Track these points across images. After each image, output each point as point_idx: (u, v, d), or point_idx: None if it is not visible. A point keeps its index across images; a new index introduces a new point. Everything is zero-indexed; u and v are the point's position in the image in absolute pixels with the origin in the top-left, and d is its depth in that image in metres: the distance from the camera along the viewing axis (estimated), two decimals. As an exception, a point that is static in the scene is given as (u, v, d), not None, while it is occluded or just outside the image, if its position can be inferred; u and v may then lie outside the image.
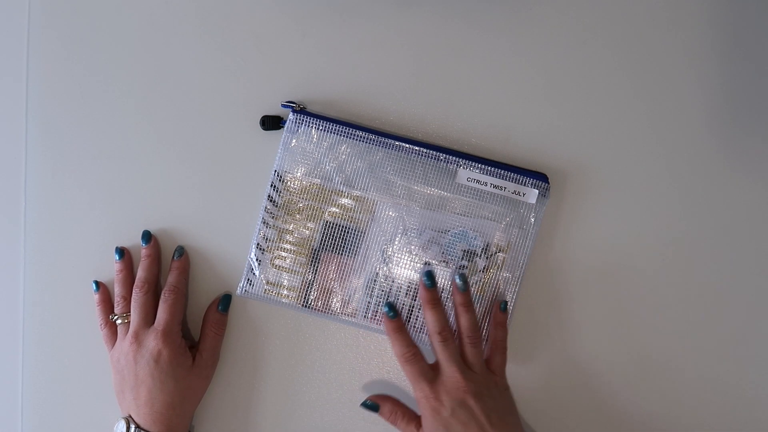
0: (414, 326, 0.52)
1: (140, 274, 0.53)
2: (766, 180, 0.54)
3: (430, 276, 0.50)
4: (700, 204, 0.54)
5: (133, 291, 0.52)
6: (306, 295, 0.53)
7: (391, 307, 0.50)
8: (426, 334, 0.52)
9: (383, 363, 0.55)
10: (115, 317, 0.53)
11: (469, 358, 0.49)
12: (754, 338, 0.54)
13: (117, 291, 0.53)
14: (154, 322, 0.51)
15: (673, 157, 0.53)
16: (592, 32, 0.53)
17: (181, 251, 0.54)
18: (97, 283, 0.55)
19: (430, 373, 0.48)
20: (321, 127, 0.52)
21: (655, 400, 0.54)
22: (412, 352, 0.49)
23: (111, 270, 0.55)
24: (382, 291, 0.52)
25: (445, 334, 0.49)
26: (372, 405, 0.52)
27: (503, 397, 0.49)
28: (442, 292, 0.52)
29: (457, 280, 0.50)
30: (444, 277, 0.52)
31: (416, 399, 0.49)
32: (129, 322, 0.52)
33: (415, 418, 0.50)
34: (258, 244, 0.53)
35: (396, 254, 0.52)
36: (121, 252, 0.54)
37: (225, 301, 0.54)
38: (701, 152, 0.53)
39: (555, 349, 0.54)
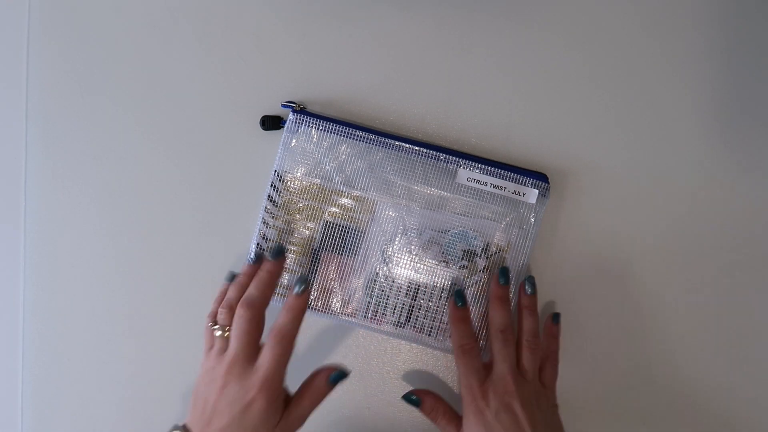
0: (414, 326, 0.52)
1: (251, 291, 0.46)
2: (765, 179, 0.54)
3: (504, 273, 0.49)
4: (700, 203, 0.54)
5: (238, 311, 0.45)
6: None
7: (460, 295, 0.49)
8: (427, 334, 0.52)
9: (383, 363, 0.55)
10: (215, 327, 0.46)
11: (525, 364, 0.47)
12: (754, 337, 0.54)
13: (228, 295, 0.47)
14: (254, 356, 0.45)
15: (672, 156, 0.54)
16: (592, 32, 0.53)
17: (303, 284, 0.46)
18: (232, 276, 0.49)
19: (482, 371, 0.47)
20: (321, 127, 0.52)
21: (655, 399, 0.54)
22: (471, 345, 0.47)
23: (110, 269, 0.55)
24: (382, 291, 0.52)
25: (507, 334, 0.47)
26: (414, 399, 0.49)
27: (552, 412, 0.48)
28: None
29: (527, 284, 0.50)
30: (443, 278, 0.52)
31: (462, 395, 0.47)
32: (227, 338, 0.46)
33: (456, 418, 0.48)
34: (258, 244, 0.53)
35: (396, 254, 0.52)
36: (256, 256, 0.48)
37: (339, 376, 0.47)
38: (701, 152, 0.53)
39: (555, 349, 0.54)
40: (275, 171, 0.52)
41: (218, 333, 0.46)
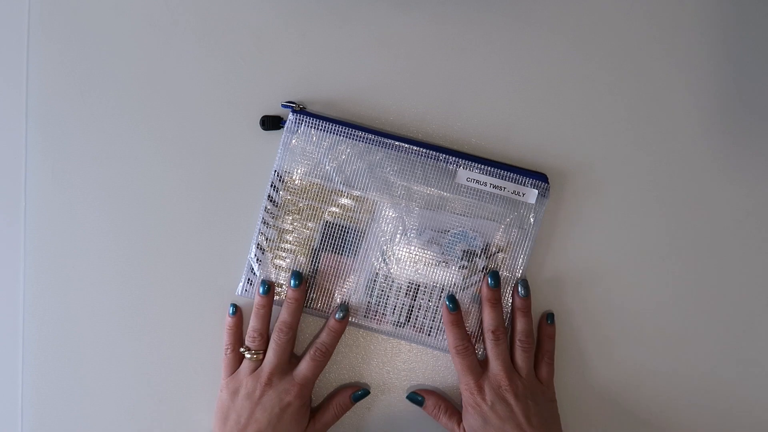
0: (414, 326, 0.52)
1: (285, 317, 0.51)
2: (766, 181, 0.54)
3: (495, 276, 0.51)
4: (700, 204, 0.54)
5: (275, 332, 0.51)
6: (306, 295, 0.53)
7: (452, 300, 0.51)
8: (427, 334, 0.52)
9: (383, 363, 0.55)
10: (246, 351, 0.51)
11: (518, 362, 0.51)
12: (754, 338, 0.54)
13: (254, 325, 0.51)
14: (288, 369, 0.51)
15: (672, 157, 0.54)
16: (592, 32, 0.53)
17: (344, 312, 0.52)
18: (235, 307, 0.53)
19: (478, 368, 0.50)
20: (321, 127, 0.52)
21: (655, 401, 0.54)
22: (464, 346, 0.51)
23: (110, 269, 0.55)
24: (382, 291, 0.52)
25: (499, 334, 0.50)
26: (418, 399, 0.53)
27: (548, 407, 0.50)
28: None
29: (520, 287, 0.52)
30: (443, 278, 0.52)
31: (461, 391, 0.51)
32: (260, 360, 0.51)
33: (456, 414, 0.52)
34: (258, 244, 0.53)
35: (396, 254, 0.52)
36: (268, 288, 0.52)
37: (361, 395, 0.53)
38: (701, 152, 0.54)
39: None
40: (275, 171, 0.52)
41: (249, 356, 0.51)
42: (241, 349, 0.51)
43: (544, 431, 0.48)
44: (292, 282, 0.51)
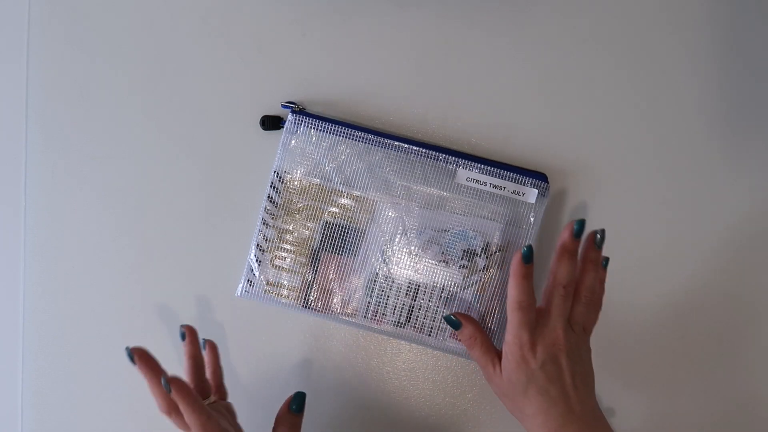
0: (414, 326, 0.52)
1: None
2: (765, 180, 0.54)
3: (582, 224, 0.46)
4: (700, 204, 0.54)
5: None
6: (306, 295, 0.53)
7: (530, 251, 0.46)
8: (427, 334, 0.52)
9: (383, 363, 0.55)
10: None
11: (576, 317, 0.47)
12: (756, 338, 0.54)
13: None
14: None
15: (672, 157, 0.53)
16: (592, 32, 0.53)
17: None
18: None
19: (534, 325, 0.46)
20: (320, 128, 0.52)
21: (654, 401, 0.54)
22: (529, 302, 0.46)
23: (110, 268, 0.55)
24: (382, 291, 0.52)
25: (570, 290, 0.46)
26: (455, 321, 0.49)
27: (587, 359, 0.48)
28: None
29: (597, 236, 0.47)
30: (443, 278, 0.52)
31: (508, 344, 0.46)
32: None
33: (492, 352, 0.48)
34: (258, 244, 0.53)
35: (396, 254, 0.52)
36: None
37: (298, 400, 0.48)
38: (701, 152, 0.53)
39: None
40: (275, 171, 0.52)
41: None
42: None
43: (584, 390, 0.46)
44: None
